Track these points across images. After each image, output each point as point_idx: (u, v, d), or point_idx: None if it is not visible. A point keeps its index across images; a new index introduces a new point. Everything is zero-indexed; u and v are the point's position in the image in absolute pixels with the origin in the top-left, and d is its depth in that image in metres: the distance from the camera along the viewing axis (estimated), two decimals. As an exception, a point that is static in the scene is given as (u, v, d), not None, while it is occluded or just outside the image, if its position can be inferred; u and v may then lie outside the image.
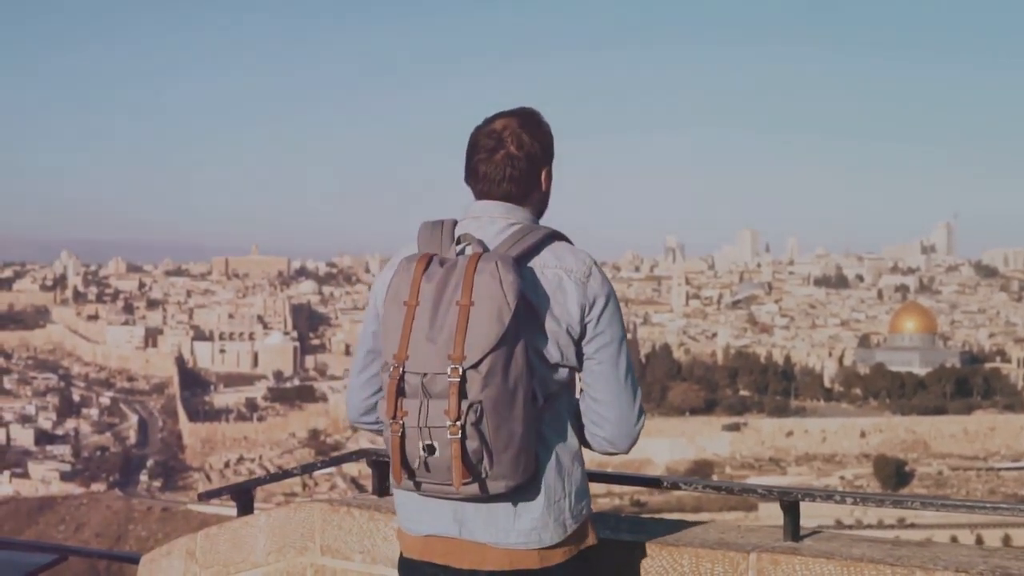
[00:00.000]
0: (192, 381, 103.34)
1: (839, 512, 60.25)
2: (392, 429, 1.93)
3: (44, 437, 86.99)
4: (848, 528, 56.54)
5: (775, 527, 2.59)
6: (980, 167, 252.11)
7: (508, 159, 2.12)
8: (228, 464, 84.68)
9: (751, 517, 61.67)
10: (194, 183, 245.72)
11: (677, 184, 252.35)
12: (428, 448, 1.90)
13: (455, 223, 2.13)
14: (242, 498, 3.52)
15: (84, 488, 77.00)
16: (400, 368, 1.93)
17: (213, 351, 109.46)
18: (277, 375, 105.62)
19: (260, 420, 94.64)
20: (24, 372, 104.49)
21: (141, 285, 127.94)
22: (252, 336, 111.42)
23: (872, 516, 63.58)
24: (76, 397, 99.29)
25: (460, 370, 1.87)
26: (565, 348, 2.04)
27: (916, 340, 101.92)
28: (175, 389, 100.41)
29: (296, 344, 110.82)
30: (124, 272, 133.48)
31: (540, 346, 2.01)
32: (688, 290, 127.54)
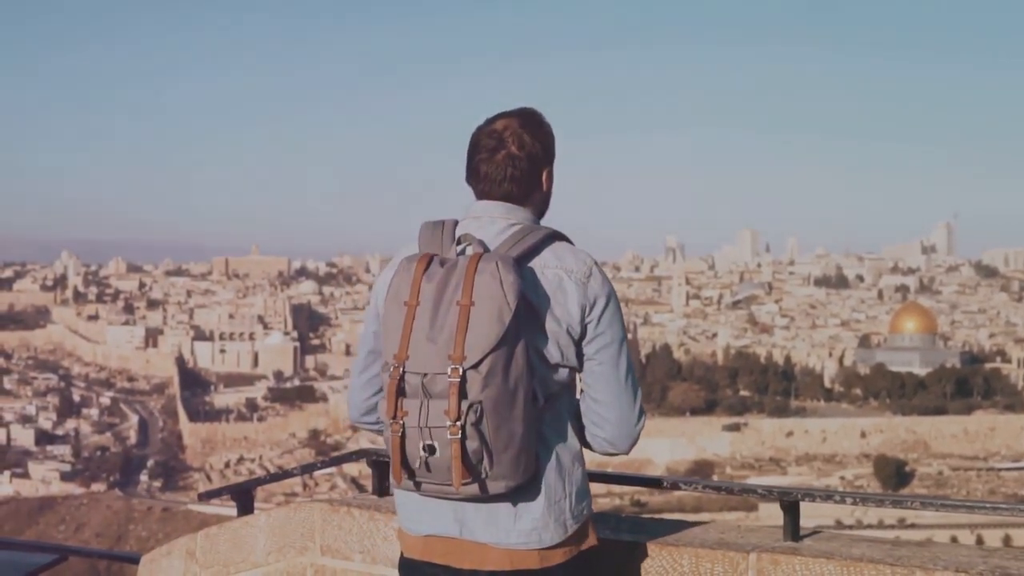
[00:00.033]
0: (192, 381, 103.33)
1: (839, 512, 60.24)
2: (392, 429, 1.93)
3: (44, 437, 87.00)
4: (848, 528, 56.52)
5: (775, 527, 2.59)
6: (980, 167, 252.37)
7: (509, 159, 2.12)
8: (228, 464, 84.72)
9: (751, 517, 61.66)
10: (194, 183, 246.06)
11: (677, 184, 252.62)
12: (429, 448, 1.90)
13: (456, 223, 2.13)
14: (242, 498, 3.52)
15: (84, 488, 76.99)
16: (400, 368, 1.93)
17: (213, 351, 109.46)
18: (277, 375, 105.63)
19: (260, 420, 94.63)
20: (24, 372, 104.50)
21: (141, 285, 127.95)
22: (252, 336, 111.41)
23: (872, 516, 63.57)
24: (76, 397, 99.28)
25: (460, 370, 1.87)
26: (565, 348, 2.03)
27: (916, 340, 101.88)
28: (175, 389, 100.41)
29: (296, 344, 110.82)
30: (124, 272, 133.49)
31: (540, 346, 2.01)
32: (688, 290, 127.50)
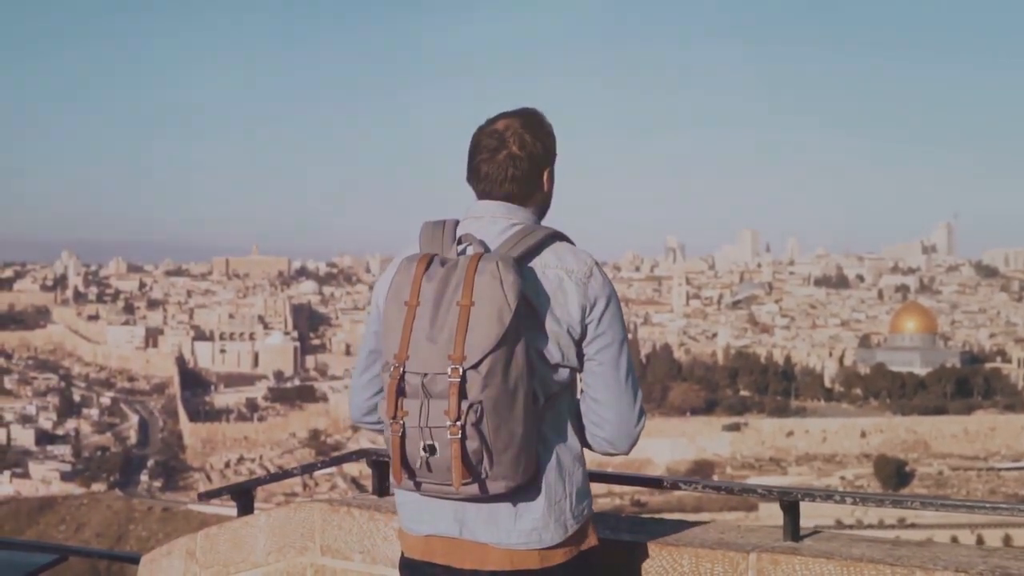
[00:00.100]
0: (192, 381, 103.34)
1: (839, 512, 60.23)
2: (392, 429, 1.93)
3: (45, 437, 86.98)
4: (848, 528, 56.48)
5: (775, 527, 2.59)
6: (980, 167, 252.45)
7: (510, 159, 2.11)
8: (228, 464, 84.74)
9: (751, 517, 61.65)
10: (194, 183, 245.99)
11: (677, 184, 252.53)
12: (429, 448, 1.90)
13: (456, 223, 2.12)
14: (242, 498, 3.52)
15: (84, 488, 76.94)
16: (400, 368, 1.93)
17: (213, 351, 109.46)
18: (277, 375, 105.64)
19: (260, 420, 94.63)
20: (24, 372, 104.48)
21: (141, 285, 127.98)
22: (252, 336, 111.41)
23: (872, 516, 63.57)
24: (76, 397, 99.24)
25: (460, 370, 1.87)
26: (566, 349, 2.03)
27: (916, 340, 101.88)
28: (175, 389, 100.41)
29: (296, 344, 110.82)
30: (124, 272, 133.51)
31: (541, 346, 2.00)
32: (688, 290, 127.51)
